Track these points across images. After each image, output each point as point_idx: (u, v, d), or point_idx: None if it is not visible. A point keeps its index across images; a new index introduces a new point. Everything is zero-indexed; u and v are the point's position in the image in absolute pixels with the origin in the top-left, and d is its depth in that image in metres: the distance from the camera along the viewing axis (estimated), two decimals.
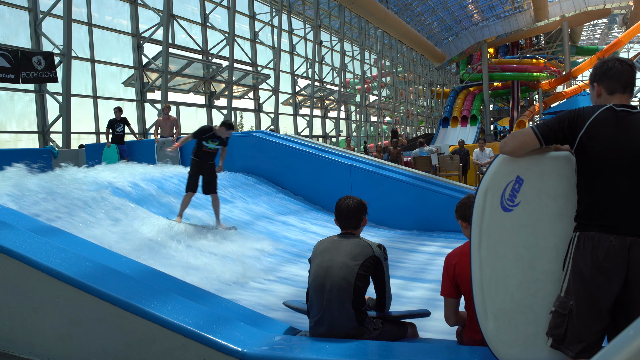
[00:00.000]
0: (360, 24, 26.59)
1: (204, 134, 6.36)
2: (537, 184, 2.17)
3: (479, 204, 2.23)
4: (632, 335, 0.84)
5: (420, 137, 23.03)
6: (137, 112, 14.20)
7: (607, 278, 1.93)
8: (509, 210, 2.19)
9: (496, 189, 2.21)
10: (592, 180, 2.01)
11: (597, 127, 2.00)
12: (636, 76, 2.10)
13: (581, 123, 2.03)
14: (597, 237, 1.96)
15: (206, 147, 6.35)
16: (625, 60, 2.08)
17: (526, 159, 2.18)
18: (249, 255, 5.50)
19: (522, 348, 2.17)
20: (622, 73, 2.06)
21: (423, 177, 8.48)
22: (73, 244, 3.47)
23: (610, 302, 1.95)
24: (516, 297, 2.19)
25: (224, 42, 16.58)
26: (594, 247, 1.96)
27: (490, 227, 2.21)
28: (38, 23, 11.54)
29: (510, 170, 2.19)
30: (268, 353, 2.46)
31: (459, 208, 2.71)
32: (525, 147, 2.14)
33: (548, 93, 32.34)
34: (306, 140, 9.82)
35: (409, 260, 5.90)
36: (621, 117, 1.99)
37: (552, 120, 2.11)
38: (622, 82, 2.06)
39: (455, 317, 2.64)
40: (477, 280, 2.24)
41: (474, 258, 2.24)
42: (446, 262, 2.63)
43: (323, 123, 23.88)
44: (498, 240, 2.21)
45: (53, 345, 2.93)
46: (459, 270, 2.53)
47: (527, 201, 2.18)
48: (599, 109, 2.03)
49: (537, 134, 2.09)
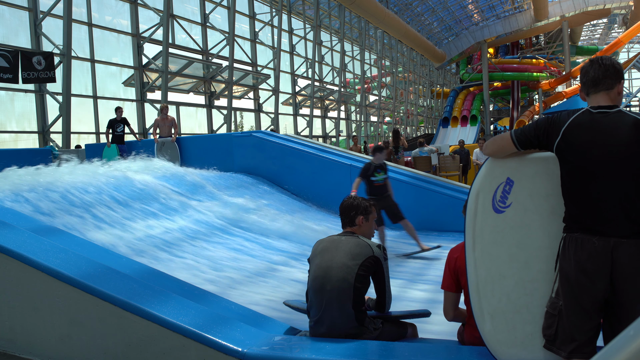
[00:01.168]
0: (360, 24, 26.59)
1: (368, 170, 6.36)
2: (528, 184, 2.18)
3: (471, 206, 2.25)
4: (632, 335, 0.84)
5: (420, 137, 23.04)
6: (137, 112, 14.20)
7: (590, 279, 1.93)
8: (501, 212, 2.21)
9: (487, 191, 2.22)
10: (573, 184, 2.01)
11: (572, 132, 1.99)
12: (610, 71, 2.03)
13: (557, 129, 2.03)
14: (580, 239, 1.96)
15: (376, 180, 6.34)
16: (597, 58, 2.05)
17: (516, 161, 2.19)
18: (249, 255, 5.50)
19: (520, 348, 2.18)
20: (588, 71, 2.03)
21: (423, 177, 8.48)
22: (73, 244, 3.47)
23: (596, 302, 1.94)
24: (512, 297, 2.19)
25: (224, 42, 16.59)
26: (577, 249, 1.96)
27: (483, 229, 2.23)
28: (38, 23, 11.55)
29: (500, 172, 2.21)
30: (268, 353, 2.46)
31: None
32: (503, 151, 2.18)
33: (548, 93, 32.33)
34: (306, 140, 9.83)
35: (409, 261, 5.90)
36: (597, 120, 1.98)
37: (530, 126, 2.13)
38: (590, 80, 2.03)
39: (453, 312, 2.65)
40: (473, 281, 2.25)
41: (469, 259, 2.26)
42: (448, 256, 2.65)
43: (323, 123, 23.88)
44: (491, 242, 2.22)
45: (53, 345, 2.93)
46: (460, 263, 2.54)
47: (518, 202, 2.19)
48: (574, 114, 2.03)
49: (513, 139, 2.12)
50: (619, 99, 2.03)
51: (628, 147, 1.92)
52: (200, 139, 11.39)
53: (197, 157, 9.60)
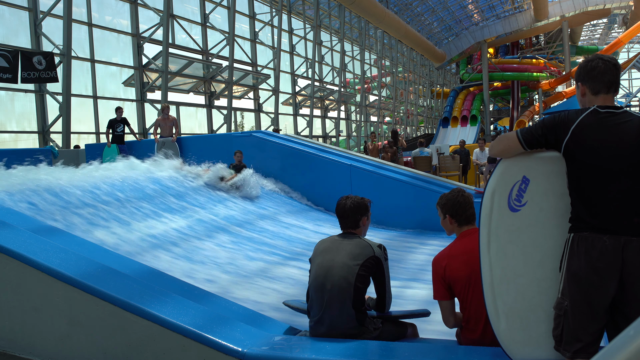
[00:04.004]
0: (360, 24, 26.58)
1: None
2: (544, 183, 2.18)
3: (486, 205, 2.24)
4: (632, 335, 0.84)
5: (420, 137, 23.04)
6: (137, 112, 14.20)
7: (601, 278, 1.93)
8: (517, 211, 2.20)
9: (503, 189, 2.21)
10: (581, 184, 2.01)
11: (582, 132, 1.99)
12: (621, 75, 2.05)
13: (565, 128, 2.02)
14: (590, 238, 1.96)
15: None
16: (609, 59, 2.03)
17: (532, 159, 2.18)
18: (249, 255, 5.50)
19: (535, 347, 2.18)
20: (605, 73, 2.01)
21: (423, 177, 8.48)
22: (73, 244, 3.47)
23: (606, 302, 1.94)
24: (527, 296, 2.19)
25: (224, 42, 16.58)
26: (587, 248, 1.96)
27: (499, 227, 2.22)
28: (38, 23, 11.54)
29: (516, 171, 2.20)
30: (268, 353, 2.46)
31: (451, 205, 2.64)
32: (509, 151, 2.17)
33: (548, 93, 32.33)
34: (306, 140, 9.83)
35: (409, 261, 5.90)
36: (606, 120, 1.98)
37: (537, 125, 2.11)
38: (606, 82, 2.01)
39: (453, 318, 2.63)
40: (488, 280, 2.24)
41: (484, 259, 2.25)
42: (435, 265, 2.59)
43: (323, 123, 23.88)
44: (507, 241, 2.22)
45: (53, 345, 2.93)
46: (450, 272, 2.52)
47: (534, 201, 2.19)
48: (583, 113, 2.01)
49: (520, 139, 2.11)
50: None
51: (637, 147, 1.94)
52: (201, 139, 11.39)
53: (197, 157, 9.60)
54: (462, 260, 2.51)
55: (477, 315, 2.48)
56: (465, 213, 2.63)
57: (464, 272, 2.49)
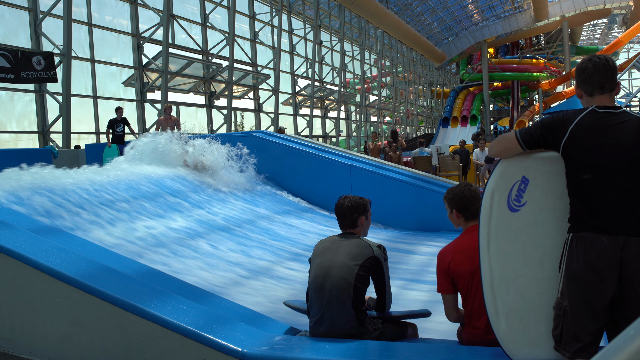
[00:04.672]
0: (360, 24, 26.59)
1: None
2: (543, 183, 2.18)
3: (486, 205, 2.24)
4: (632, 335, 0.84)
5: (420, 137, 23.03)
6: (137, 112, 14.20)
7: (600, 278, 1.93)
8: (516, 211, 2.21)
9: (502, 189, 2.22)
10: (580, 184, 2.01)
11: (580, 132, 1.99)
12: (616, 73, 2.03)
13: (564, 129, 2.02)
14: (589, 238, 1.96)
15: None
16: (599, 59, 2.01)
17: (532, 159, 2.19)
18: (249, 255, 5.50)
19: (535, 347, 2.18)
20: (594, 74, 2.00)
21: (423, 177, 8.48)
22: (73, 244, 3.47)
23: (605, 302, 1.95)
24: (527, 296, 2.19)
25: (224, 42, 16.59)
26: (586, 248, 1.96)
27: (498, 227, 2.22)
28: (38, 23, 11.55)
29: (516, 171, 2.20)
30: (268, 353, 2.46)
31: (457, 199, 2.65)
32: (508, 151, 2.18)
33: (548, 93, 32.35)
34: (306, 140, 9.83)
35: (409, 261, 5.90)
36: (604, 120, 1.98)
37: (536, 126, 2.12)
38: (596, 82, 2.01)
39: (456, 312, 2.63)
40: (487, 280, 2.24)
41: (483, 259, 2.25)
42: (440, 259, 2.60)
43: (323, 123, 23.88)
44: (506, 241, 2.22)
45: (53, 345, 2.93)
46: (454, 267, 2.53)
47: (533, 201, 2.19)
48: (581, 113, 2.02)
49: (519, 139, 2.11)
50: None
51: (635, 147, 1.94)
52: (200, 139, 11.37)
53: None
54: (467, 256, 2.51)
55: (480, 310, 2.49)
56: (472, 208, 2.63)
57: (468, 268, 2.49)
